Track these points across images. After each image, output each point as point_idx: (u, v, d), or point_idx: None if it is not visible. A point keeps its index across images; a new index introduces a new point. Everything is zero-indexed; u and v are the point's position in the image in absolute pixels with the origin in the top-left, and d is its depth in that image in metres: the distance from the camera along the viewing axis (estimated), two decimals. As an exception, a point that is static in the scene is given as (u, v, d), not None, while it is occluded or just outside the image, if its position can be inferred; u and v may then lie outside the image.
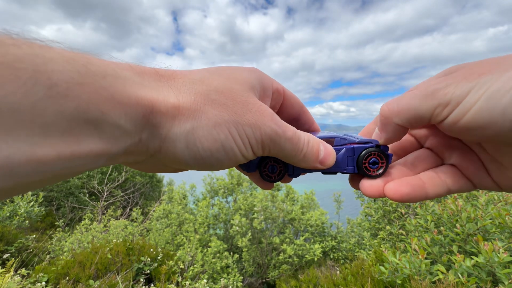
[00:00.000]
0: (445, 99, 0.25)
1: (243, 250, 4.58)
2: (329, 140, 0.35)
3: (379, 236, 3.35)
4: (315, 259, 4.33)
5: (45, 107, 0.17)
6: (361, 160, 0.33)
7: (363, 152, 0.34)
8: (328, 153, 0.33)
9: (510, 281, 1.37)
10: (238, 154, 0.27)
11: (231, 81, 0.28)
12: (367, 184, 0.33)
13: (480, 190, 2.26)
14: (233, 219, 4.83)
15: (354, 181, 0.36)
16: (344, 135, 0.36)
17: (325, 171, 0.35)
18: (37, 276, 2.43)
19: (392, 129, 0.30)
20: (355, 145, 0.34)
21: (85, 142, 0.19)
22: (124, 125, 0.21)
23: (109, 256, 2.80)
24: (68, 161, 0.18)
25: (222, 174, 6.57)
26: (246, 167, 0.35)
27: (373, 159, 0.33)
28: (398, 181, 0.30)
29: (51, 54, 0.18)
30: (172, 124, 0.24)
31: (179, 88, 0.26)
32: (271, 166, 0.35)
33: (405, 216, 3.16)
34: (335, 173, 0.36)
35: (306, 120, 0.40)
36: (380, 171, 0.33)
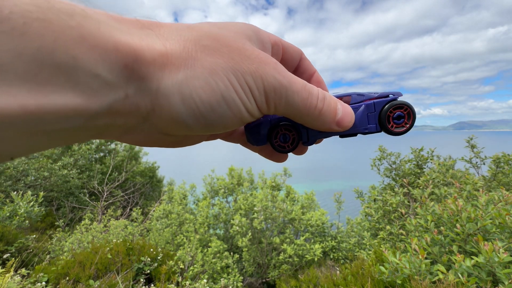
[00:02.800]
0: None
1: (243, 250, 4.58)
2: (344, 98, 0.31)
3: (379, 236, 3.35)
4: (315, 259, 4.33)
5: None
6: (384, 116, 0.29)
7: (386, 106, 0.30)
8: (346, 112, 0.28)
9: (510, 281, 1.37)
10: (242, 108, 0.23)
11: (223, 29, 0.24)
12: None
13: (481, 190, 2.26)
14: (233, 219, 4.83)
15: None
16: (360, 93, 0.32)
17: (343, 134, 0.30)
18: (37, 276, 2.43)
19: None
20: (375, 100, 0.30)
21: (55, 93, 0.16)
22: (103, 75, 0.17)
23: (109, 256, 2.80)
24: (36, 117, 0.15)
25: (223, 174, 6.57)
26: (255, 139, 0.31)
27: (397, 113, 0.29)
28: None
29: None
30: (162, 74, 0.21)
31: (165, 36, 0.22)
32: (282, 135, 0.31)
33: (405, 216, 3.16)
34: (355, 134, 0.31)
35: (306, 68, 0.34)
36: (403, 129, 0.30)
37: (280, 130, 0.31)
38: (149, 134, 0.25)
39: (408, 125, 0.30)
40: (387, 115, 0.30)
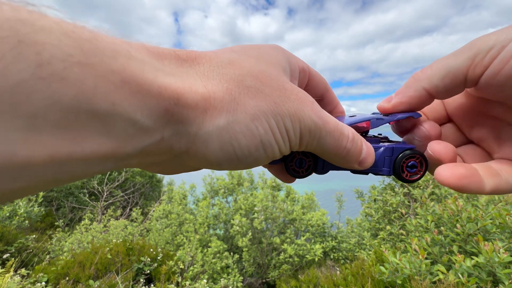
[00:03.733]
0: (487, 45, 0.22)
1: (243, 250, 4.58)
2: (363, 123, 0.31)
3: (379, 236, 3.34)
4: (316, 259, 4.33)
5: (33, 92, 0.12)
6: (399, 162, 0.30)
7: (403, 153, 0.30)
8: (369, 153, 0.28)
9: (510, 281, 1.37)
10: (276, 151, 0.23)
11: (262, 63, 0.23)
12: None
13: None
14: (233, 219, 4.83)
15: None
16: (374, 113, 0.32)
17: (356, 171, 0.31)
18: (37, 276, 2.43)
19: (413, 93, 0.26)
20: (394, 145, 0.30)
21: (88, 140, 0.15)
22: (141, 121, 0.17)
23: (109, 256, 2.80)
24: (65, 164, 0.14)
25: (222, 174, 6.57)
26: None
27: (412, 162, 0.30)
28: (451, 164, 0.25)
29: (45, 22, 0.13)
30: (203, 119, 0.20)
31: (207, 74, 0.21)
32: (299, 160, 0.30)
33: (406, 216, 3.15)
34: (367, 173, 0.32)
35: (330, 100, 0.34)
36: (417, 177, 0.30)
37: (297, 154, 0.30)
38: (175, 166, 0.24)
39: (421, 173, 0.30)
40: (401, 164, 0.30)
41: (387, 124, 0.31)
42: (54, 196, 6.27)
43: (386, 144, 0.31)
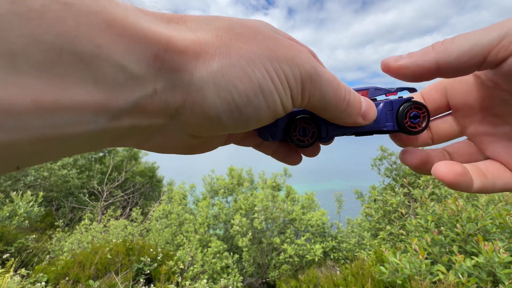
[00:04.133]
0: None
1: (243, 250, 4.58)
2: (361, 92, 0.30)
3: (379, 236, 3.34)
4: (316, 259, 4.33)
5: (10, 28, 0.12)
6: (402, 114, 0.29)
7: (406, 103, 0.29)
8: (369, 105, 0.28)
9: (510, 281, 1.37)
10: (277, 99, 0.22)
11: (250, 21, 0.22)
12: (410, 153, 0.29)
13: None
14: (233, 219, 4.83)
15: (396, 137, 0.32)
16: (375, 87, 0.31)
17: (361, 131, 0.30)
18: (37, 276, 2.43)
19: (424, 63, 0.24)
20: (393, 99, 0.30)
21: (75, 87, 0.14)
22: (131, 67, 0.15)
23: (109, 256, 2.80)
24: (53, 114, 0.13)
25: (222, 174, 6.57)
26: (270, 133, 0.29)
27: (413, 112, 0.29)
28: (448, 161, 0.26)
29: None
30: (196, 64, 0.19)
31: (194, 27, 0.20)
32: (301, 128, 0.29)
33: (406, 216, 3.15)
34: (372, 133, 0.31)
35: None
36: (423, 124, 0.29)
37: (299, 123, 0.29)
38: (172, 137, 0.23)
39: (422, 127, 0.29)
40: (404, 115, 0.30)
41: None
42: (54, 196, 6.28)
43: (384, 99, 0.30)
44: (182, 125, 0.21)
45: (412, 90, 0.31)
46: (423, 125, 0.29)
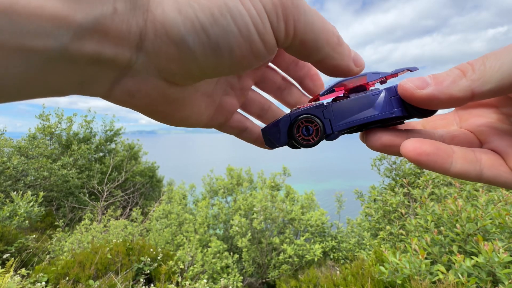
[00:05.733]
0: None
1: (243, 250, 4.58)
2: (360, 78, 0.29)
3: (379, 236, 3.35)
4: (316, 259, 4.33)
5: None
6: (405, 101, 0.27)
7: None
8: (355, 52, 0.25)
9: (510, 281, 1.37)
10: (251, 26, 0.19)
11: None
12: (372, 135, 0.27)
13: (480, 190, 2.26)
14: (232, 219, 4.83)
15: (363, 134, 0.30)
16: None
17: (367, 121, 0.28)
18: (37, 276, 2.43)
19: (458, 93, 0.22)
20: (393, 86, 0.28)
21: None
22: None
23: (109, 256, 2.80)
24: (8, 17, 0.13)
25: (222, 174, 6.57)
26: (275, 138, 0.29)
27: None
28: (420, 139, 0.24)
29: None
30: None
31: None
32: (305, 128, 0.28)
33: (405, 216, 3.16)
34: (379, 123, 0.29)
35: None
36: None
37: (301, 123, 0.28)
38: (144, 81, 0.21)
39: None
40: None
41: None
42: (54, 196, 6.27)
43: (385, 87, 0.29)
44: (150, 60, 0.19)
45: (413, 68, 0.30)
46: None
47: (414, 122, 0.31)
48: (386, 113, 0.27)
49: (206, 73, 0.21)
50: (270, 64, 0.32)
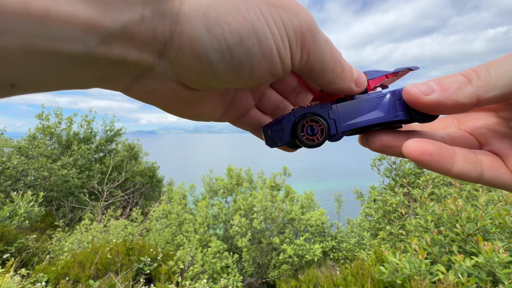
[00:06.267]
0: None
1: (243, 250, 4.58)
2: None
3: (379, 236, 3.35)
4: (315, 259, 4.33)
5: None
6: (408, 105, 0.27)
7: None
8: (359, 72, 0.27)
9: (510, 281, 1.37)
10: (274, 49, 0.20)
11: None
12: (373, 136, 0.28)
13: (480, 190, 2.26)
14: (232, 219, 4.83)
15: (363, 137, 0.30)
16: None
17: (371, 124, 0.28)
18: (37, 276, 2.43)
19: (464, 99, 0.22)
20: (397, 89, 0.28)
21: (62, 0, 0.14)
22: None
23: (109, 256, 2.80)
24: (41, 23, 0.13)
25: (221, 174, 6.57)
26: (277, 136, 0.29)
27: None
28: (424, 140, 0.24)
29: None
30: None
31: None
32: (309, 127, 0.28)
33: (405, 216, 3.16)
34: (383, 125, 0.29)
35: None
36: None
37: (306, 122, 0.28)
38: (162, 83, 0.21)
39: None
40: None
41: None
42: (54, 196, 6.27)
43: (390, 90, 0.29)
44: (172, 67, 0.20)
45: (414, 67, 0.30)
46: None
47: (413, 125, 0.31)
48: (390, 116, 0.28)
49: (222, 85, 0.22)
50: None
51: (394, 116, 0.28)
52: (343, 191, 7.38)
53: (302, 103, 0.34)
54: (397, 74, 0.30)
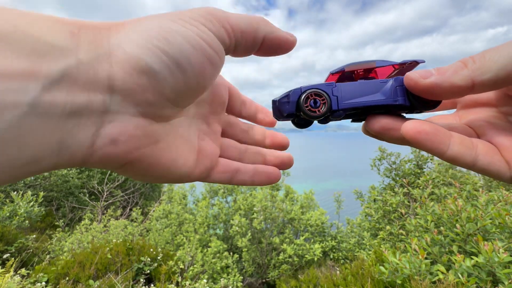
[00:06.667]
0: None
1: (243, 250, 4.58)
2: (369, 64, 0.32)
3: (379, 236, 3.35)
4: (315, 259, 4.33)
5: None
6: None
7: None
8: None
9: (510, 281, 1.37)
10: (197, 38, 0.22)
11: None
12: (373, 119, 0.29)
13: (480, 190, 2.26)
14: (232, 219, 4.83)
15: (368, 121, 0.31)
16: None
17: (372, 105, 0.29)
18: (37, 276, 2.43)
19: (459, 82, 0.23)
20: (402, 76, 0.29)
21: None
22: (47, 39, 0.17)
23: (109, 256, 2.80)
24: None
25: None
26: (284, 108, 0.31)
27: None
28: (422, 121, 0.25)
29: None
30: (114, 32, 0.20)
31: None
32: (313, 100, 0.30)
33: (405, 216, 3.16)
34: (383, 108, 0.30)
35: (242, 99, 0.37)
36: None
37: (310, 96, 0.30)
38: (125, 122, 0.21)
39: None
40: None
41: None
42: (54, 196, 6.27)
43: (394, 77, 0.31)
44: (125, 98, 0.20)
45: (421, 61, 0.31)
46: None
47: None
48: (390, 100, 0.29)
49: (179, 93, 0.23)
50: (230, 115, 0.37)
51: (394, 100, 0.29)
52: (343, 191, 7.38)
53: (256, 137, 0.38)
54: (404, 65, 0.31)
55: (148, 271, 2.88)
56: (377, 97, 0.29)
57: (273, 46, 0.28)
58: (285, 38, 0.28)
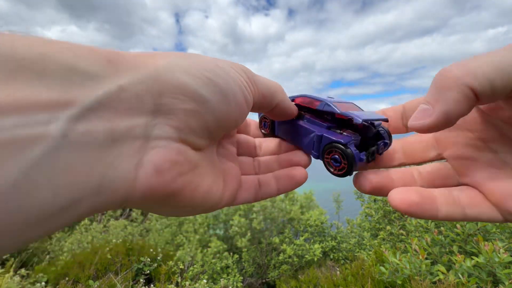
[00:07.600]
0: None
1: (243, 250, 4.58)
2: (314, 101, 0.33)
3: (379, 237, 3.35)
4: (315, 259, 4.33)
5: None
6: (323, 153, 0.31)
7: (327, 145, 0.30)
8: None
9: (510, 281, 1.37)
10: (241, 80, 0.25)
11: None
12: (362, 178, 0.29)
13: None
14: (232, 220, 4.83)
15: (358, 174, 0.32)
16: (332, 100, 0.32)
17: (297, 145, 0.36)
18: (37, 276, 2.43)
19: (457, 94, 0.19)
20: (326, 134, 0.31)
21: (19, 88, 0.13)
22: (81, 67, 0.15)
23: (109, 257, 2.80)
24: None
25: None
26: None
27: (334, 156, 0.30)
28: (405, 188, 0.25)
29: None
30: (156, 59, 0.20)
31: None
32: (263, 123, 0.39)
33: (406, 216, 3.16)
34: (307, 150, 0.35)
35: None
36: (341, 172, 0.30)
37: (263, 118, 0.40)
38: (167, 147, 0.19)
39: (345, 168, 0.29)
40: (324, 155, 0.31)
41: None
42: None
43: (323, 131, 0.32)
44: (169, 122, 0.19)
45: (384, 120, 0.32)
46: (341, 173, 0.30)
47: (393, 148, 0.32)
48: (308, 151, 0.34)
49: (220, 123, 0.23)
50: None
51: (309, 151, 0.34)
52: (343, 191, 7.38)
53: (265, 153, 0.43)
54: (344, 117, 0.31)
55: (148, 271, 2.88)
56: (302, 141, 0.34)
57: (281, 112, 0.32)
58: (292, 109, 0.34)
